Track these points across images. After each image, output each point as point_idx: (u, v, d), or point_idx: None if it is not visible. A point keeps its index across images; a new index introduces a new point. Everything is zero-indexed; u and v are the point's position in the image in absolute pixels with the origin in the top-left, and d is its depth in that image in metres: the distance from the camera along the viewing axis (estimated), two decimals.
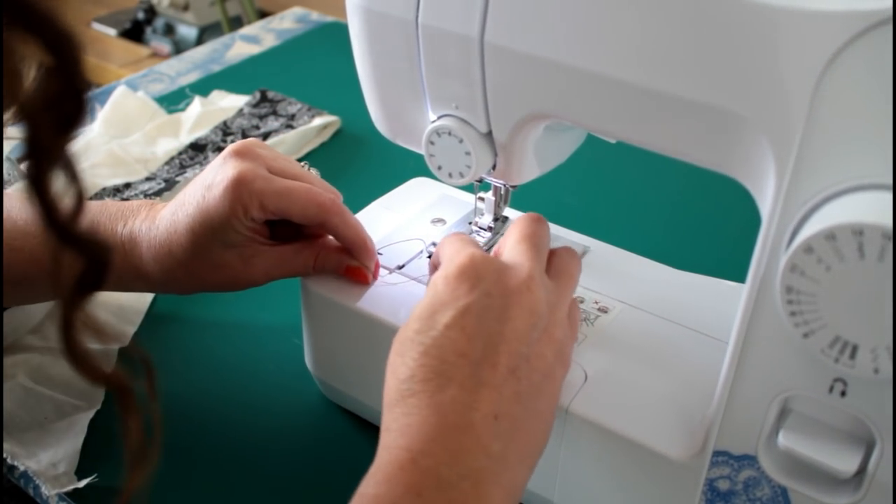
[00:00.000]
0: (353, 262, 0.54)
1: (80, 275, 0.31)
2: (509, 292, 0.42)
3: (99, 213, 0.55)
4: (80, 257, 0.31)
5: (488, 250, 0.57)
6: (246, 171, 0.51)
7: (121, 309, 0.67)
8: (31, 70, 0.27)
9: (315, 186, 0.53)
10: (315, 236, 0.55)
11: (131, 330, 0.65)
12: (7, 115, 0.28)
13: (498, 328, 0.40)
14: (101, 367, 0.33)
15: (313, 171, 0.57)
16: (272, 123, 0.90)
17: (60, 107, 0.28)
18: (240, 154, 0.52)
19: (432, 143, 0.50)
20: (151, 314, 0.67)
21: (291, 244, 0.54)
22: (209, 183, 0.52)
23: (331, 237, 0.55)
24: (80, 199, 0.30)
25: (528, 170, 0.51)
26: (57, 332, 0.33)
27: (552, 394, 0.42)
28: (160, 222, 0.53)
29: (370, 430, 0.58)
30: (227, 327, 0.67)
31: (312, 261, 0.54)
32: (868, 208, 0.33)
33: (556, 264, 0.47)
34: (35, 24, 0.27)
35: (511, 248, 0.45)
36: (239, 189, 0.50)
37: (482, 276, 0.42)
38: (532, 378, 0.41)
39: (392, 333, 0.51)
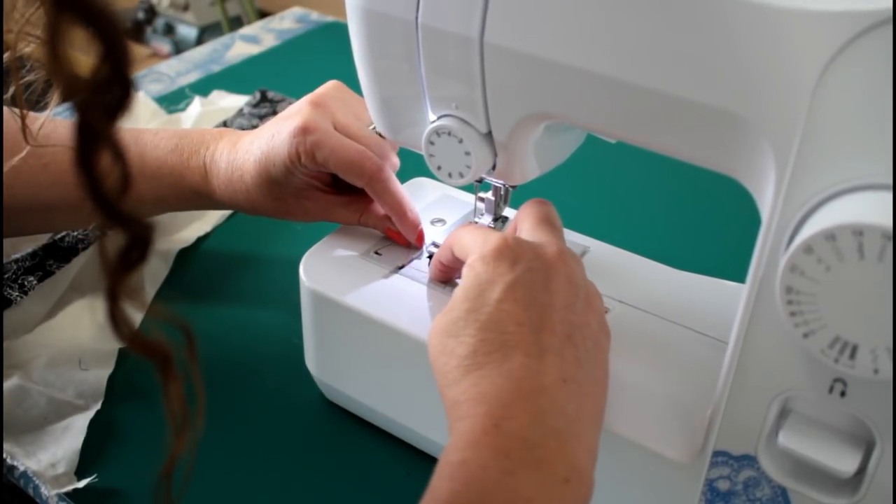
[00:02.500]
0: (393, 227, 0.58)
1: (124, 250, 0.32)
2: (548, 266, 0.43)
3: (181, 138, 0.63)
4: (125, 234, 0.32)
5: None
6: (309, 122, 0.56)
7: None
8: (78, 56, 0.29)
9: (369, 149, 0.56)
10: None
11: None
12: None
13: (547, 299, 0.42)
14: (144, 337, 0.34)
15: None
16: None
17: (108, 91, 0.29)
18: (314, 104, 0.57)
19: (432, 143, 0.50)
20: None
21: (344, 196, 0.60)
22: (281, 125, 0.57)
23: None
24: (126, 178, 0.31)
25: (528, 170, 0.51)
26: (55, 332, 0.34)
27: (603, 361, 0.44)
28: (240, 147, 0.60)
29: (370, 430, 0.58)
30: (228, 327, 0.67)
31: (358, 216, 0.59)
32: (868, 208, 0.33)
33: None
34: (85, 12, 0.28)
35: (531, 230, 0.47)
36: (298, 138, 0.56)
37: (520, 253, 0.43)
38: (586, 345, 0.42)
39: (392, 334, 0.51)
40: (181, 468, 0.37)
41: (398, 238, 0.58)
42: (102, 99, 0.29)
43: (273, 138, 0.57)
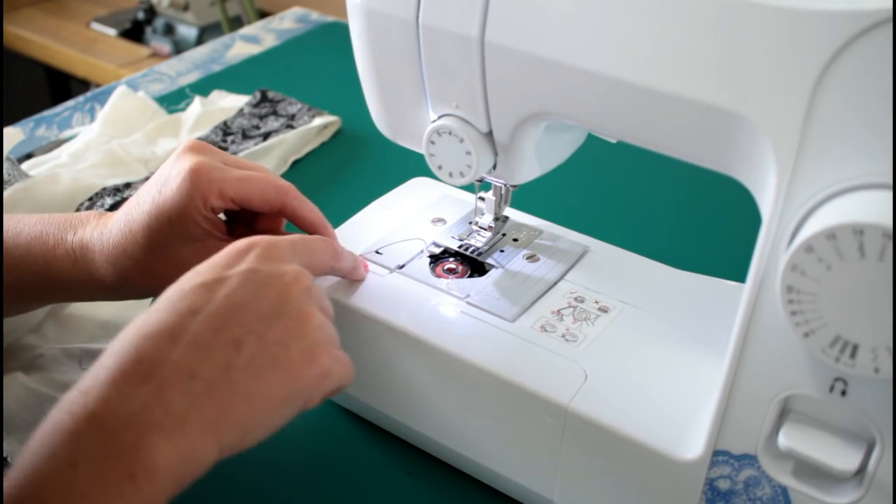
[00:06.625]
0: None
1: None
2: (274, 276, 0.43)
3: (46, 224, 0.55)
4: None
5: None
6: (202, 162, 0.51)
7: (116, 316, 0.67)
8: None
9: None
10: (269, 232, 0.55)
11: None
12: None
13: (243, 301, 0.41)
14: None
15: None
16: (272, 123, 0.90)
17: None
18: (194, 149, 0.53)
19: (433, 142, 0.50)
20: None
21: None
22: (165, 178, 0.52)
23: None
24: None
25: (529, 169, 0.51)
26: (56, 331, 0.34)
27: (281, 386, 0.41)
28: (113, 226, 0.53)
29: (371, 431, 0.58)
30: None
31: None
32: (868, 208, 0.33)
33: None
34: None
35: (303, 242, 0.47)
36: (196, 178, 0.50)
37: (265, 256, 0.43)
38: (257, 359, 0.40)
39: (391, 333, 0.51)
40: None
41: None
42: None
43: (161, 194, 0.51)
